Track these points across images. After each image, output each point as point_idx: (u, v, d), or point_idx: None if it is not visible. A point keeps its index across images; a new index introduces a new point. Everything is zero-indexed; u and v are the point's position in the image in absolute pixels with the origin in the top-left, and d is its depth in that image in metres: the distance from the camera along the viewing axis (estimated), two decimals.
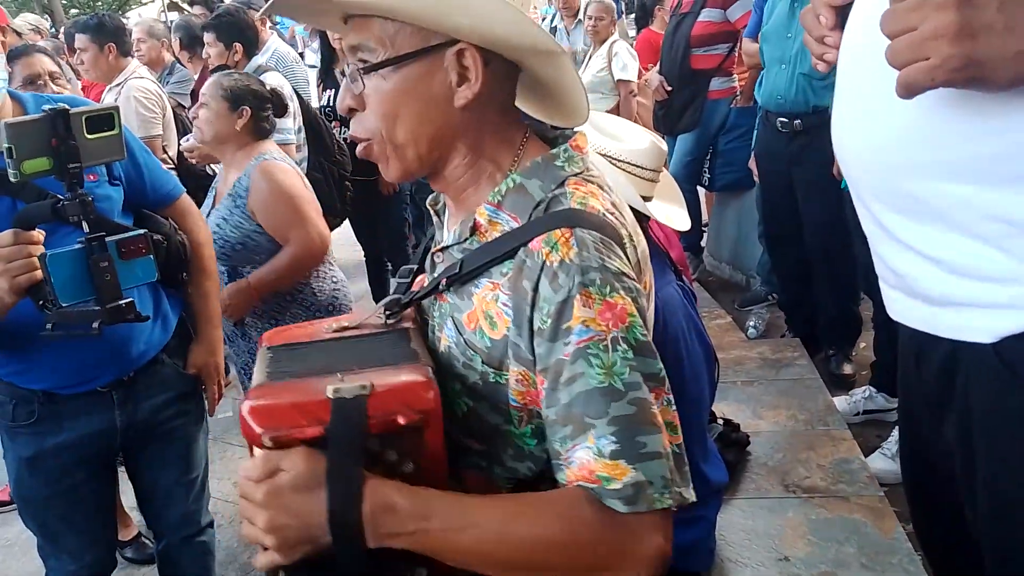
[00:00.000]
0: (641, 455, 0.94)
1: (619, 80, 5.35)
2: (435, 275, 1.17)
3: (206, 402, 2.29)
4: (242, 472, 0.97)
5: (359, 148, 1.13)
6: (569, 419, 0.97)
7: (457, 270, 1.09)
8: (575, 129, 1.19)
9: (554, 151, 1.12)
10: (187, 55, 4.94)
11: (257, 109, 2.70)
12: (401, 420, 0.95)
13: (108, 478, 2.16)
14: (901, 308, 1.20)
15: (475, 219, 1.11)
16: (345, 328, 1.20)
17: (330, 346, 1.17)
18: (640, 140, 2.02)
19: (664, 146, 2.09)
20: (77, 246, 1.62)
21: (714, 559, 2.45)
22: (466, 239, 1.12)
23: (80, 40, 3.99)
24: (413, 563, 0.98)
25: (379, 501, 0.92)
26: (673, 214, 2.11)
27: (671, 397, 1.01)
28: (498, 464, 1.11)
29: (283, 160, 2.72)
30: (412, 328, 1.20)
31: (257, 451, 0.97)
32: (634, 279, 1.04)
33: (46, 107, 1.58)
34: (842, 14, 1.19)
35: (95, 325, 1.62)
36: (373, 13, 1.05)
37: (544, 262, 1.00)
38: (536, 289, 1.01)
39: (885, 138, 1.08)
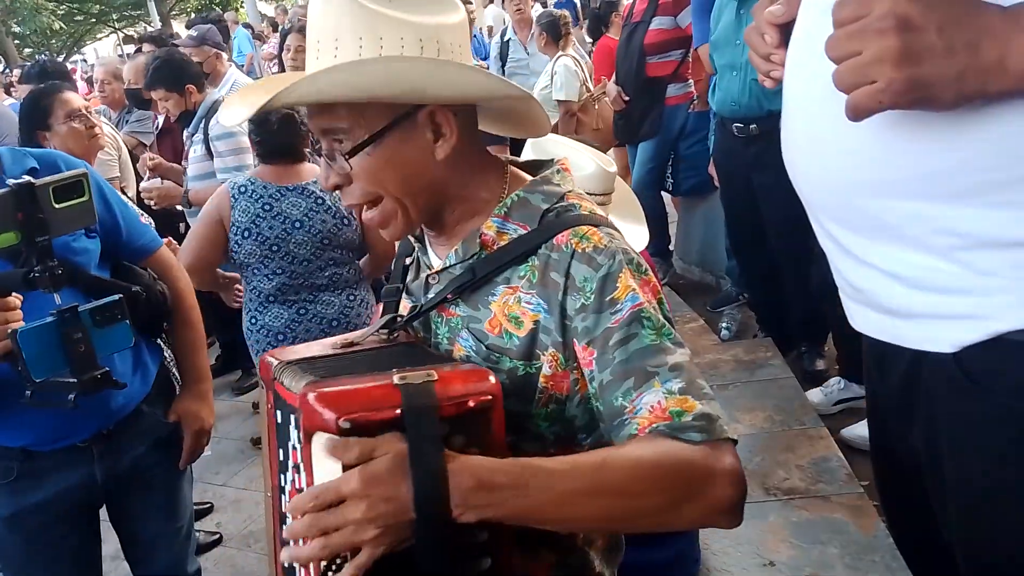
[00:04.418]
0: (704, 394, 1.03)
1: (557, 100, 5.35)
2: (432, 294, 1.21)
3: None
4: (335, 453, 0.91)
5: (371, 215, 1.16)
6: (629, 372, 1.04)
7: (471, 277, 1.14)
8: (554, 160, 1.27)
9: (546, 172, 1.20)
10: None
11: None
12: (471, 403, 0.97)
13: (90, 531, 2.12)
14: (862, 320, 1.21)
15: (482, 233, 1.15)
16: (352, 344, 1.20)
17: (356, 357, 1.16)
18: (585, 165, 2.02)
19: (612, 168, 2.09)
20: (49, 319, 1.59)
21: (699, 568, 2.46)
22: (473, 255, 1.16)
23: (23, 91, 3.96)
24: (476, 555, 0.98)
25: (471, 476, 0.91)
26: (629, 233, 2.12)
27: None
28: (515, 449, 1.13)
29: (240, 186, 2.84)
30: (417, 342, 1.22)
31: (322, 441, 0.93)
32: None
33: (10, 181, 1.55)
34: (786, 31, 1.21)
35: (70, 397, 1.59)
36: (352, 101, 1.07)
37: (575, 250, 1.09)
38: (568, 274, 1.09)
39: (834, 157, 1.09)
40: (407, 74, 1.05)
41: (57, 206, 1.58)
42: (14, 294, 1.63)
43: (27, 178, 1.57)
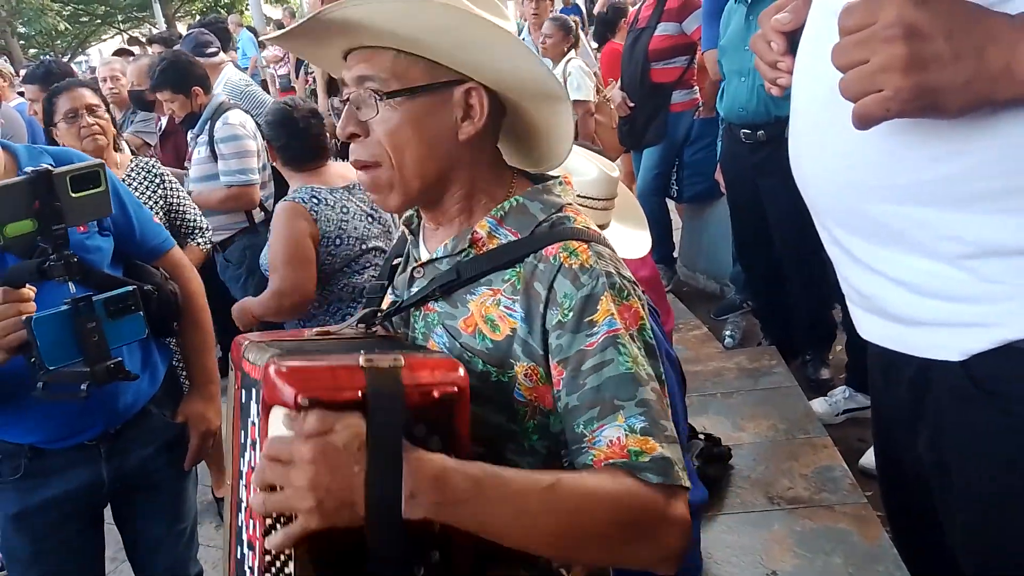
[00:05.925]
0: (666, 437, 1.03)
1: (574, 100, 5.35)
2: (415, 288, 1.21)
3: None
4: (289, 426, 0.91)
5: (364, 177, 1.15)
6: (597, 402, 1.03)
7: (455, 277, 1.14)
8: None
9: (549, 182, 1.20)
10: None
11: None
12: (436, 393, 0.96)
13: (96, 530, 2.12)
14: (869, 327, 1.21)
15: (474, 232, 1.15)
16: (329, 333, 1.19)
17: (328, 343, 1.15)
18: (588, 170, 2.01)
19: (615, 173, 2.07)
20: (64, 307, 1.60)
21: None
22: (461, 251, 1.16)
23: (30, 91, 3.96)
24: (427, 547, 0.97)
25: (427, 472, 0.90)
26: (632, 239, 2.11)
27: (668, 400, 1.09)
28: (500, 461, 1.11)
29: (311, 197, 2.76)
30: (394, 335, 1.22)
31: (279, 414, 0.93)
32: (640, 290, 1.14)
33: (28, 168, 1.56)
34: (792, 39, 1.21)
35: (83, 387, 1.60)
36: (401, 48, 1.08)
37: (562, 264, 1.08)
38: (551, 288, 1.08)
39: (842, 163, 1.09)
40: (467, 29, 1.04)
41: (74, 195, 1.59)
42: (28, 285, 1.62)
43: (45, 166, 1.57)
